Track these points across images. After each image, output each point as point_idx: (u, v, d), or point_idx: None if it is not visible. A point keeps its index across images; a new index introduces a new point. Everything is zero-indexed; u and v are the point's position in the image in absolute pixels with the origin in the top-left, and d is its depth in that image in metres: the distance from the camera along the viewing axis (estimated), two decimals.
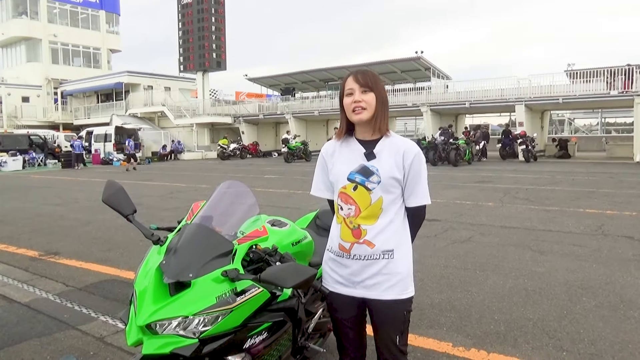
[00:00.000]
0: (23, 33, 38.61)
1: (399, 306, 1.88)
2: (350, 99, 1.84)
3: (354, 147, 1.90)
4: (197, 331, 1.68)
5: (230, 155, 29.19)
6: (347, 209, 1.88)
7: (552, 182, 12.78)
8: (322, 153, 2.03)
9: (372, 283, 1.87)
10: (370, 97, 1.82)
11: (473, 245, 5.92)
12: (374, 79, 1.84)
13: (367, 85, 1.82)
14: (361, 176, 1.84)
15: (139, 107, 35.79)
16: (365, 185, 1.84)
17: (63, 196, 11.95)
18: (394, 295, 1.87)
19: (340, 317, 2.00)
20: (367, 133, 1.88)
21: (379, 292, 1.87)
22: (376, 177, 1.82)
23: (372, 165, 1.84)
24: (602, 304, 3.87)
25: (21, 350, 3.22)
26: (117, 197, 2.09)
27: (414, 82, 32.47)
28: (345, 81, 1.87)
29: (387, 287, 1.87)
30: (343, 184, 1.88)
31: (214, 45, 34.59)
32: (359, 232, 1.86)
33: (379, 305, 1.89)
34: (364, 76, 1.83)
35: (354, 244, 1.87)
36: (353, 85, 1.83)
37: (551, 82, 23.42)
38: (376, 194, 1.83)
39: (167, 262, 1.76)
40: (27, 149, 26.14)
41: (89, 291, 4.47)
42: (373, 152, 1.85)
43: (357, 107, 1.82)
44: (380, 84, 1.86)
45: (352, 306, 1.94)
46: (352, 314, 1.96)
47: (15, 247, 6.30)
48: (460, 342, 3.24)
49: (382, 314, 1.90)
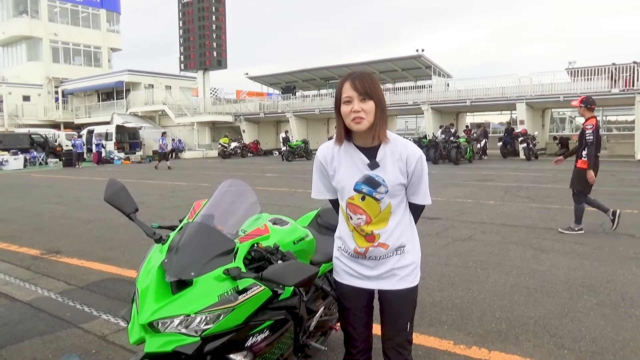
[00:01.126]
0: (24, 32, 38.61)
1: (410, 294, 1.96)
2: (348, 108, 1.76)
3: (355, 155, 1.85)
4: (199, 329, 1.68)
5: (231, 153, 29.21)
6: (357, 219, 1.89)
7: (553, 180, 12.77)
8: (318, 158, 1.96)
9: (387, 276, 1.94)
10: (370, 106, 1.75)
11: (474, 243, 5.93)
12: (372, 85, 1.76)
13: (366, 93, 1.74)
14: (368, 187, 1.83)
15: (140, 106, 35.78)
16: (373, 196, 1.85)
17: (64, 195, 11.96)
18: (406, 284, 1.95)
19: (350, 307, 2.03)
20: (366, 140, 1.83)
21: (392, 283, 1.94)
22: (383, 188, 1.83)
23: (377, 175, 1.83)
24: (603, 302, 3.87)
25: (23, 349, 3.23)
26: (119, 195, 2.09)
27: (415, 81, 32.41)
28: (342, 87, 1.78)
29: (400, 277, 1.94)
30: (350, 194, 1.87)
31: (215, 43, 34.54)
32: (373, 237, 1.90)
33: (392, 294, 1.95)
34: (362, 82, 1.75)
35: (369, 248, 1.92)
36: (351, 93, 1.75)
37: (552, 80, 23.40)
38: (385, 202, 1.86)
39: (169, 261, 1.77)
40: (28, 147, 26.17)
41: (91, 290, 4.48)
42: (377, 162, 1.83)
43: (356, 118, 1.75)
44: (379, 89, 1.79)
45: (362, 296, 2.00)
46: (362, 303, 2.01)
47: (17, 245, 6.31)
48: (462, 340, 3.24)
49: (395, 302, 1.96)
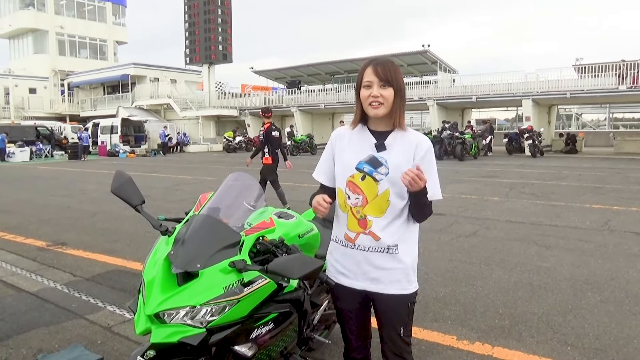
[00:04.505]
0: (30, 24, 38.68)
1: (402, 300, 1.89)
2: (367, 92, 1.80)
3: (366, 137, 1.88)
4: (205, 321, 1.70)
5: (236, 147, 29.23)
6: (355, 199, 1.88)
7: (558, 177, 12.72)
8: (331, 137, 2.01)
9: (374, 276, 1.88)
10: (389, 93, 1.78)
11: (478, 239, 5.92)
12: (394, 72, 1.79)
13: (386, 79, 1.77)
14: (369, 166, 1.83)
15: (145, 99, 35.87)
16: (373, 176, 1.83)
17: (70, 187, 12.02)
18: (396, 290, 1.88)
19: (343, 308, 2.01)
20: (381, 125, 1.87)
21: (382, 286, 1.88)
22: (384, 169, 1.81)
23: (382, 156, 1.83)
24: (607, 299, 3.86)
25: (30, 338, 3.26)
26: (126, 187, 2.10)
27: (421, 76, 32.29)
28: (364, 71, 1.82)
29: (390, 281, 1.87)
30: (351, 172, 1.87)
31: (220, 37, 34.49)
32: (365, 223, 1.86)
33: (382, 299, 1.90)
34: (384, 69, 1.78)
35: (360, 234, 1.87)
36: (372, 78, 1.79)
37: (559, 77, 23.24)
38: (383, 185, 1.82)
39: (175, 253, 1.78)
40: (34, 140, 26.28)
41: (96, 281, 4.51)
42: (384, 144, 1.84)
43: (374, 102, 1.79)
44: (400, 77, 1.82)
45: (355, 298, 1.95)
46: (354, 305, 1.97)
47: (24, 237, 6.36)
48: (465, 335, 3.25)
49: (385, 307, 1.91)
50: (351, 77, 33.03)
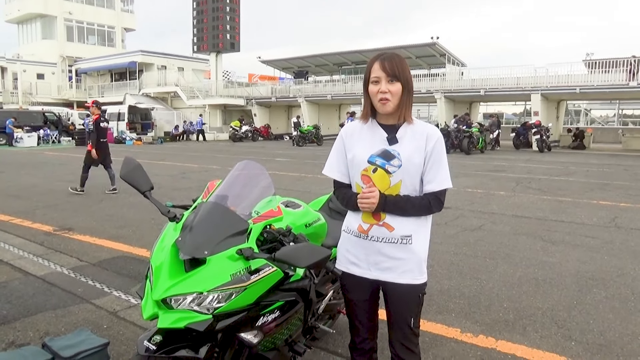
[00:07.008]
0: (38, 10, 38.70)
1: (414, 290, 1.91)
2: (376, 88, 1.82)
3: (376, 132, 1.91)
4: (211, 307, 1.71)
5: (242, 137, 29.22)
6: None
7: (565, 172, 12.65)
8: (341, 133, 2.03)
9: (387, 266, 1.89)
10: (397, 88, 1.81)
11: (484, 233, 5.91)
12: (401, 67, 1.81)
13: (394, 74, 1.80)
14: (382, 159, 1.85)
15: (152, 87, 35.84)
16: (385, 169, 1.84)
17: (77, 173, 12.00)
18: (409, 280, 1.89)
19: (353, 298, 2.02)
20: (390, 119, 1.90)
21: (394, 276, 1.89)
22: (397, 161, 1.83)
23: (394, 149, 1.85)
24: (612, 296, 3.85)
25: (37, 322, 3.30)
26: (135, 173, 2.11)
27: (429, 68, 32.04)
28: (372, 66, 1.84)
29: (403, 271, 1.89)
30: (364, 166, 1.88)
31: (228, 26, 34.31)
32: (379, 215, 1.88)
33: (394, 288, 1.91)
34: (391, 64, 1.80)
35: (373, 226, 1.89)
36: (380, 73, 1.81)
37: (569, 72, 22.98)
38: (396, 177, 1.84)
39: (183, 239, 1.78)
40: (42, 125, 26.37)
41: (102, 267, 4.54)
42: (395, 137, 1.86)
43: (382, 99, 1.81)
44: (407, 71, 1.84)
45: (365, 288, 1.97)
46: (364, 296, 1.99)
47: (31, 221, 6.41)
48: (469, 328, 3.25)
49: (397, 297, 1.92)
50: (359, 69, 32.84)
